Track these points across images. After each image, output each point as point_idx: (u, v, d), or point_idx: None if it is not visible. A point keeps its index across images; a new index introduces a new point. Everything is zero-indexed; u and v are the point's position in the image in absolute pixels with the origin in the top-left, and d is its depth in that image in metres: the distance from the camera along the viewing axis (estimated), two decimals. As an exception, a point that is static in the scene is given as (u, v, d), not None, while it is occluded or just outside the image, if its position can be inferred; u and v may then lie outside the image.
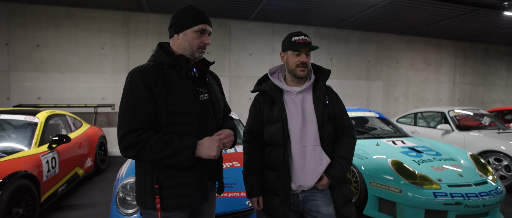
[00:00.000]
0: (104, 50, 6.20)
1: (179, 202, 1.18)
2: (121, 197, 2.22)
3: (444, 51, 9.31)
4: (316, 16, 6.84)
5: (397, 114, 8.34)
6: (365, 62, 8.31)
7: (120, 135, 1.12)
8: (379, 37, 8.42)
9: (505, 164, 3.99)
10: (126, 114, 1.14)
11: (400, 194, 2.65)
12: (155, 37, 6.48)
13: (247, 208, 2.14)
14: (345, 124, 1.56)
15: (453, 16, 6.83)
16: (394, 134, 4.05)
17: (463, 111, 5.40)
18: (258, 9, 6.29)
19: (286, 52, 1.52)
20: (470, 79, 9.79)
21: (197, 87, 1.26)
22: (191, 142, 1.14)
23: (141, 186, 1.22)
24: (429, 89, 9.19)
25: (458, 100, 9.61)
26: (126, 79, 1.20)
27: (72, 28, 6.00)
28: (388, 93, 8.64)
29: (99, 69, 6.19)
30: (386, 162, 2.95)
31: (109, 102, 6.21)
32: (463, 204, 2.50)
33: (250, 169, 1.54)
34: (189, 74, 1.24)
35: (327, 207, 1.49)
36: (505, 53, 10.29)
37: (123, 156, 1.15)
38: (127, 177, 2.36)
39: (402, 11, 6.49)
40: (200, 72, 1.32)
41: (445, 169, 2.88)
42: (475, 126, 5.01)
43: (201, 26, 1.23)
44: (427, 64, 9.11)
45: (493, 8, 6.18)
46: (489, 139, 4.34)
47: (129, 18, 6.33)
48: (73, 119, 4.52)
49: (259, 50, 7.30)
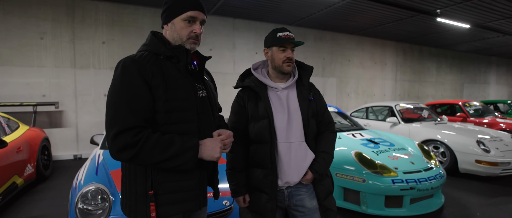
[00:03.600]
0: (44, 40, 5.44)
1: (177, 208, 1.08)
2: (81, 208, 1.97)
3: (388, 51, 10.30)
4: (276, 13, 6.96)
5: (349, 109, 8.98)
6: (320, 59, 8.75)
7: (112, 134, 0.97)
8: (333, 36, 8.93)
9: (442, 150, 4.59)
10: (119, 109, 0.98)
11: (363, 183, 2.87)
12: (106, 28, 5.91)
13: (225, 208, 2.10)
14: (327, 119, 1.62)
15: (396, 20, 7.58)
16: (352, 128, 4.35)
17: (407, 105, 6.04)
18: (219, 3, 6.15)
19: (271, 48, 1.50)
20: (409, 77, 11.00)
21: (195, 83, 1.15)
22: (193, 143, 1.03)
23: (130, 192, 1.08)
24: (375, 85, 10.08)
25: (399, 95, 10.74)
26: (116, 70, 1.03)
27: (0, 14, 5.13)
28: (341, 89, 9.25)
29: (38, 63, 5.42)
30: (350, 153, 3.15)
31: (52, 100, 5.49)
32: (416, 188, 2.81)
33: (234, 167, 1.50)
34: (188, 68, 1.12)
35: (311, 201, 1.53)
36: (435, 54, 11.80)
37: (115, 158, 1.00)
38: (86, 184, 2.11)
39: (354, 12, 6.98)
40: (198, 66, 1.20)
41: (399, 157, 3.19)
42: (416, 118, 5.65)
43: (190, 13, 1.10)
44: (374, 63, 9.97)
45: (429, 14, 7.01)
46: (428, 129, 4.94)
47: (74, 5, 5.65)
48: (7, 120, 3.90)
49: (219, 46, 7.17)
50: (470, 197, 3.59)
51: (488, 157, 4.04)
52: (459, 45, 11.26)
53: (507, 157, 4.06)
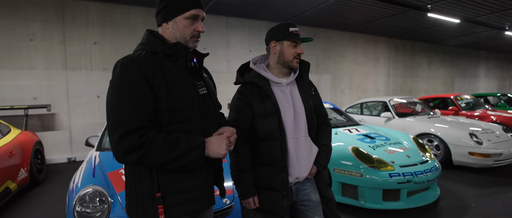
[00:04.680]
0: (34, 42, 5.32)
1: (186, 209, 1.06)
2: (79, 211, 1.94)
3: (380, 47, 10.39)
4: (268, 10, 6.95)
5: (344, 105, 9.05)
6: (314, 56, 8.79)
7: (117, 137, 0.93)
8: (327, 33, 8.97)
9: (436, 143, 4.67)
10: (121, 111, 0.95)
11: (361, 177, 2.89)
12: (97, 28, 5.81)
13: (225, 206, 2.09)
14: (323, 113, 1.65)
15: (389, 16, 7.65)
16: (348, 123, 4.38)
17: (400, 99, 6.12)
18: (212, 2, 6.11)
19: (282, 43, 1.45)
20: (401, 72, 11.14)
21: (195, 80, 1.13)
22: (200, 141, 1.02)
23: (137, 196, 1.05)
24: (369, 81, 10.17)
25: (392, 90, 10.86)
26: (115, 71, 1.00)
27: (-12, 15, 5.01)
28: (335, 86, 9.31)
29: (28, 65, 5.30)
30: (347, 149, 3.17)
31: (43, 102, 5.39)
32: (412, 181, 2.85)
33: (241, 168, 1.45)
34: (187, 66, 1.10)
35: (315, 195, 1.54)
36: (426, 49, 11.96)
37: (121, 162, 0.97)
38: (84, 187, 2.08)
39: (347, 8, 7.01)
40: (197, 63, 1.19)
41: (395, 152, 3.23)
42: (410, 113, 5.73)
43: (193, 11, 1.07)
44: (367, 59, 10.06)
45: (420, 10, 7.09)
46: (422, 123, 5.01)
47: (63, 5, 5.53)
48: (-2, 124, 3.81)
49: (213, 45, 7.12)
50: (464, 189, 3.66)
51: (481, 148, 4.13)
52: (450, 40, 11.44)
53: (499, 148, 4.15)
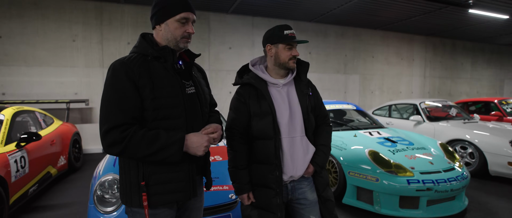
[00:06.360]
0: (76, 42, 5.87)
1: (167, 198, 1.16)
2: (99, 195, 2.15)
3: (416, 46, 9.77)
4: (295, 10, 6.89)
5: (373, 106, 8.67)
6: (342, 56, 8.53)
7: (103, 132, 1.07)
8: (356, 32, 8.65)
9: (470, 151, 4.30)
10: (109, 109, 1.08)
11: (377, 182, 2.78)
12: (131, 29, 6.23)
13: (230, 201, 2.15)
14: (323, 113, 1.64)
15: (424, 13, 7.17)
16: (371, 125, 4.21)
17: (433, 102, 5.71)
18: (237, 2, 6.22)
19: (277, 46, 1.49)
20: (439, 73, 10.36)
21: (183, 80, 1.22)
22: (179, 136, 1.11)
23: (126, 183, 1.17)
24: (402, 82, 9.62)
25: (429, 93, 10.15)
26: (108, 73, 1.13)
27: (39, 19, 5.61)
28: (364, 87, 8.95)
29: (71, 63, 5.86)
30: (364, 152, 3.06)
31: (83, 97, 5.92)
32: (433, 189, 2.67)
33: (237, 165, 1.51)
34: (175, 67, 1.20)
35: (312, 194, 1.55)
36: (470, 48, 10.98)
37: (107, 153, 1.11)
38: (105, 174, 2.29)
39: (377, 6, 6.70)
40: (186, 64, 1.28)
41: (417, 157, 3.04)
42: (443, 117, 5.33)
43: (183, 14, 1.17)
44: (400, 59, 9.52)
45: (459, 6, 6.55)
46: (456, 128, 4.64)
47: (102, 9, 6.02)
48: (43, 116, 4.26)
49: (239, 44, 7.25)
50: (498, 202, 3.33)
51: (523, 159, 3.72)
52: (498, 38, 10.38)
53: (545, 159, 3.71)
